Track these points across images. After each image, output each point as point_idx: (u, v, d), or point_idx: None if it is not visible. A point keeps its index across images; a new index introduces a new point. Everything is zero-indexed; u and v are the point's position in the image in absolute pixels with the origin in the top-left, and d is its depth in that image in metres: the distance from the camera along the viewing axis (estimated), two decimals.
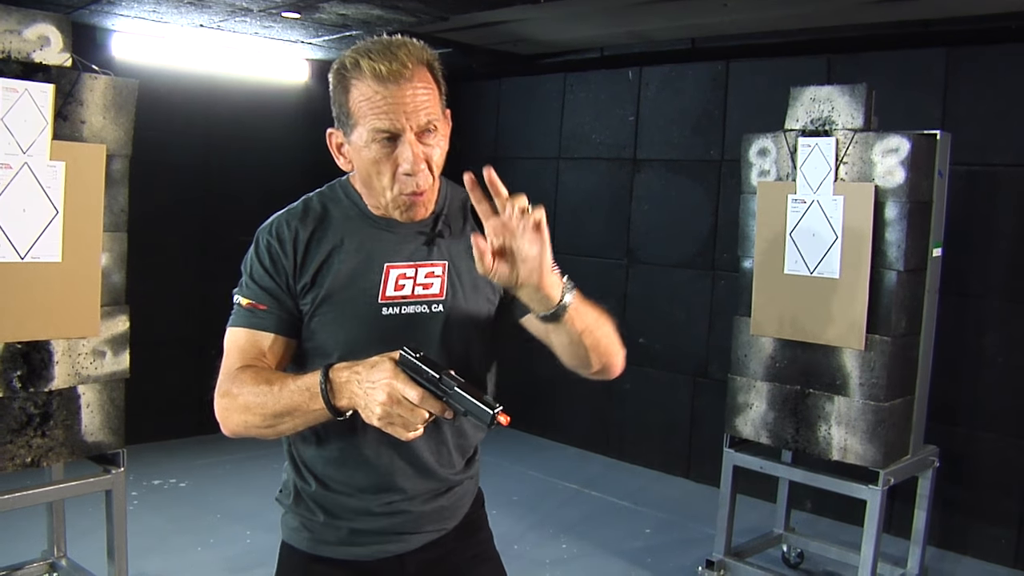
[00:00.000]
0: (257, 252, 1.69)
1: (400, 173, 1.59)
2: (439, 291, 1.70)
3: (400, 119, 1.55)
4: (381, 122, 1.55)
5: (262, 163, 6.15)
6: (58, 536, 3.69)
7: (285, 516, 1.81)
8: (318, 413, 1.52)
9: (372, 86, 1.54)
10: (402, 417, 1.42)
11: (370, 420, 1.45)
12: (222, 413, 1.61)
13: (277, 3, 4.37)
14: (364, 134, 1.57)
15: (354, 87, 1.57)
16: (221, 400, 1.61)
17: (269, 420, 1.55)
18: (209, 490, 5.02)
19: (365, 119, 1.56)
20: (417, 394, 1.41)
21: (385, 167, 1.59)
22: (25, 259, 2.85)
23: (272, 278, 1.65)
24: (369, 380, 1.45)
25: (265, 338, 1.65)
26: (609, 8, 4.58)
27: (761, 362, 3.82)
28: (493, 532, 1.97)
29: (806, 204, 3.64)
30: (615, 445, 5.99)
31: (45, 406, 2.95)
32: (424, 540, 1.78)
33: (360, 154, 1.60)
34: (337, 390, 1.49)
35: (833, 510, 4.80)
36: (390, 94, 1.54)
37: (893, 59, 4.66)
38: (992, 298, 4.41)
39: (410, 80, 1.55)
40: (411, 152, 1.57)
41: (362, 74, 1.55)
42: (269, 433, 1.58)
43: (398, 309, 1.67)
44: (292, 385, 1.53)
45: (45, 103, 2.84)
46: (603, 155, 6.01)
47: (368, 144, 1.58)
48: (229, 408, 1.59)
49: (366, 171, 1.62)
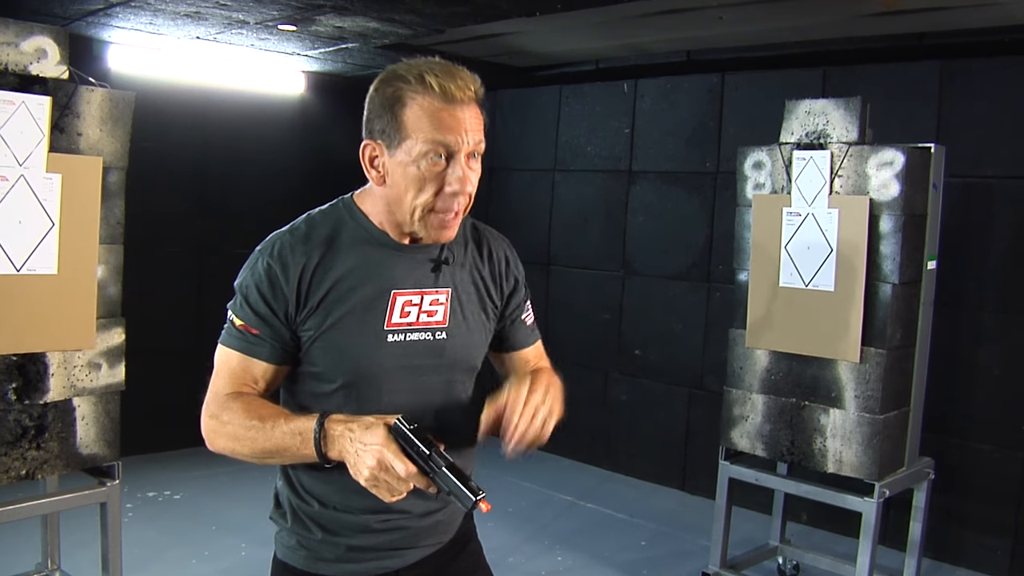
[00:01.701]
0: (255, 274, 1.64)
1: (446, 192, 1.58)
2: (443, 319, 1.70)
3: (460, 137, 1.55)
4: (443, 136, 1.54)
5: (258, 175, 6.16)
6: (52, 548, 3.67)
7: (280, 534, 1.79)
8: (307, 456, 1.54)
9: (436, 103, 1.54)
10: (388, 483, 1.46)
11: (357, 478, 1.48)
12: (209, 435, 1.63)
13: (273, 16, 4.38)
14: (416, 149, 1.55)
15: (413, 101, 1.55)
16: (209, 421, 1.63)
17: (257, 454, 1.58)
18: (204, 502, 5.01)
19: (423, 133, 1.54)
20: (405, 468, 1.43)
21: (430, 185, 1.57)
22: (21, 271, 2.84)
23: (268, 305, 1.62)
24: (361, 441, 1.47)
25: (257, 365, 1.64)
26: (605, 21, 4.60)
27: (756, 374, 3.83)
28: (489, 544, 1.98)
29: (801, 217, 3.65)
30: (610, 457, 5.98)
31: (40, 418, 2.94)
32: (421, 555, 1.78)
33: (404, 169, 1.58)
34: (330, 442, 1.51)
35: (829, 522, 4.81)
36: (456, 112, 1.55)
37: (888, 72, 4.69)
38: (987, 310, 4.42)
39: (470, 103, 1.57)
40: (462, 172, 1.57)
41: (427, 89, 1.54)
42: (255, 462, 1.61)
43: (403, 336, 1.67)
44: (285, 427, 1.55)
45: (42, 115, 2.84)
46: (599, 167, 6.02)
47: (418, 160, 1.56)
48: (217, 432, 1.62)
49: (404, 188, 1.59)
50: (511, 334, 1.87)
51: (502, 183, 6.53)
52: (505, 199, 6.48)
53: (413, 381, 1.67)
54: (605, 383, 6.01)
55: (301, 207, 1.79)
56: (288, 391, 1.73)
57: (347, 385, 1.64)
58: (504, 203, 6.44)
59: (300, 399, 1.70)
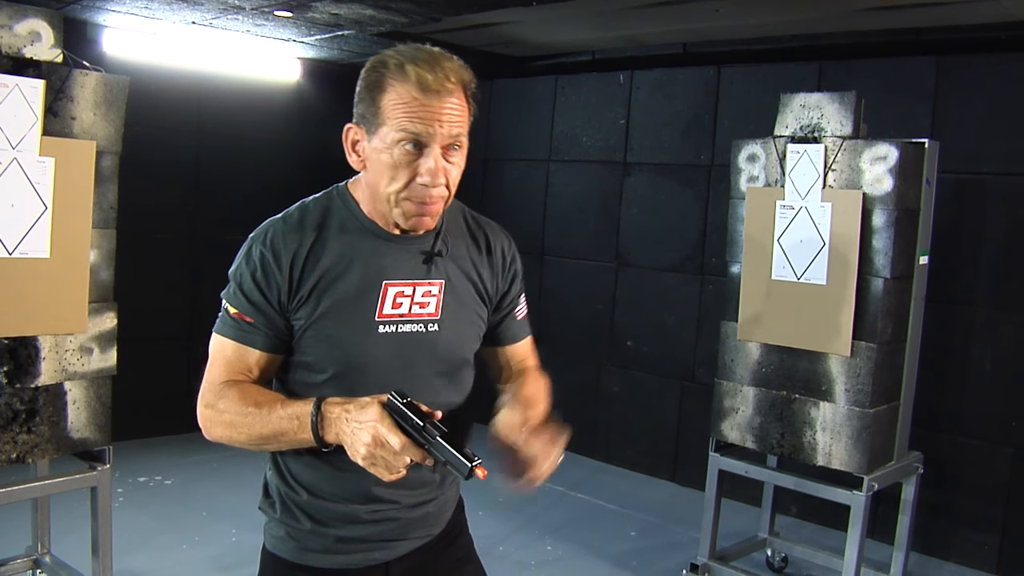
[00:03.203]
0: (249, 262, 1.63)
1: (417, 182, 1.57)
2: (435, 310, 1.70)
3: (432, 128, 1.54)
4: (414, 125, 1.53)
5: (253, 161, 6.15)
6: (42, 532, 3.67)
7: (269, 524, 1.78)
8: (304, 441, 1.55)
9: (412, 92, 1.53)
10: (385, 460, 1.45)
11: (355, 459, 1.48)
12: (205, 424, 1.63)
13: (269, 1, 4.36)
14: (390, 136, 1.55)
15: (391, 88, 1.55)
16: (205, 411, 1.63)
17: (254, 440, 1.59)
18: (195, 488, 5.02)
19: (396, 121, 1.54)
20: (399, 441, 1.43)
21: (402, 173, 1.57)
22: (13, 255, 2.83)
23: (262, 293, 1.62)
24: (357, 420, 1.47)
25: (252, 354, 1.64)
26: (601, 12, 4.59)
27: (748, 367, 3.84)
28: (479, 534, 1.98)
29: (794, 210, 3.66)
30: (601, 448, 6.00)
31: (31, 402, 2.94)
32: (410, 547, 1.78)
33: (379, 156, 1.58)
34: (327, 425, 1.51)
35: (818, 515, 4.83)
36: (429, 103, 1.53)
37: (883, 66, 4.69)
38: (978, 305, 4.44)
39: (450, 95, 1.55)
40: (434, 163, 1.56)
41: (405, 78, 1.54)
42: (252, 449, 1.63)
43: (394, 327, 1.66)
44: (281, 411, 1.55)
45: (35, 99, 2.83)
46: (593, 158, 6.02)
47: (391, 147, 1.56)
48: (213, 421, 1.62)
49: (379, 174, 1.59)
50: (503, 329, 1.87)
51: (497, 173, 6.52)
52: (499, 189, 6.47)
53: (404, 373, 1.66)
54: (598, 374, 6.02)
55: (296, 194, 1.78)
56: (280, 380, 1.72)
57: (338, 376, 1.64)
58: (498, 193, 6.43)
59: (292, 388, 1.69)
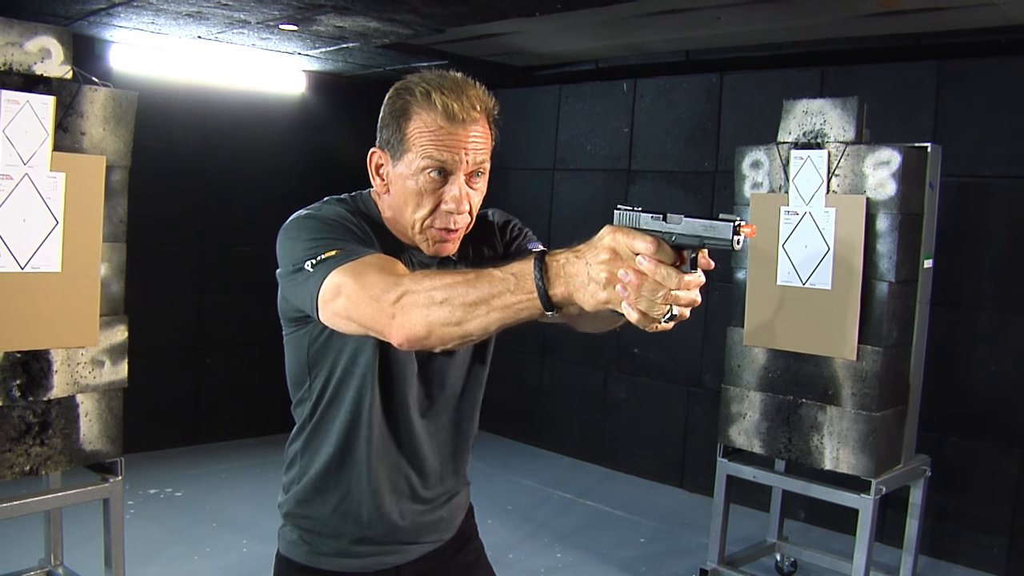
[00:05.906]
0: (326, 221, 1.58)
1: (442, 209, 1.60)
2: None
3: (458, 156, 1.58)
4: (440, 153, 1.57)
5: (259, 173, 6.18)
6: (55, 544, 3.70)
7: (283, 528, 1.81)
8: (520, 307, 1.31)
9: (438, 120, 1.57)
10: (633, 278, 1.21)
11: (595, 300, 1.25)
12: (400, 316, 1.38)
13: (275, 15, 4.40)
14: (416, 163, 1.58)
15: (417, 116, 1.58)
16: (394, 303, 1.39)
17: (459, 313, 1.33)
18: (205, 499, 5.03)
19: (422, 149, 1.57)
20: (646, 244, 1.21)
21: (428, 200, 1.60)
22: (25, 269, 2.87)
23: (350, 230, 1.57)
24: (591, 250, 1.28)
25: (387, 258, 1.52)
26: (604, 21, 4.62)
27: (754, 372, 3.85)
28: (488, 542, 2.00)
29: (798, 216, 3.67)
30: (609, 455, 6.01)
31: (44, 415, 2.97)
32: (422, 551, 1.81)
33: (404, 182, 1.61)
34: (553, 276, 1.29)
35: (826, 519, 4.83)
36: (455, 131, 1.57)
37: (885, 72, 4.71)
38: (983, 308, 4.44)
39: (475, 123, 1.59)
40: (459, 191, 1.59)
41: (431, 106, 1.56)
42: (455, 333, 1.36)
43: None
44: (495, 272, 1.34)
45: (46, 115, 2.86)
46: (598, 166, 6.05)
47: (416, 174, 1.59)
48: (408, 306, 1.37)
49: (404, 199, 1.62)
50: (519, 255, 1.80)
51: (501, 182, 6.52)
52: (504, 198, 6.48)
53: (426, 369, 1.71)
54: (604, 381, 6.03)
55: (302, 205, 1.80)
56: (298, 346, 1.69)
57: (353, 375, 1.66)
58: (503, 202, 6.36)
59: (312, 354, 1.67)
